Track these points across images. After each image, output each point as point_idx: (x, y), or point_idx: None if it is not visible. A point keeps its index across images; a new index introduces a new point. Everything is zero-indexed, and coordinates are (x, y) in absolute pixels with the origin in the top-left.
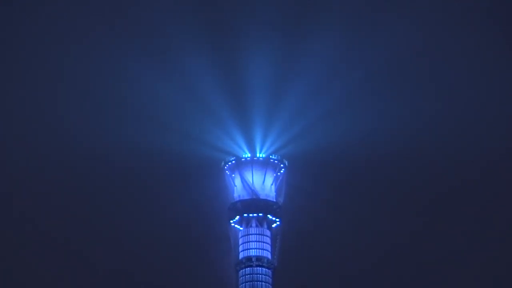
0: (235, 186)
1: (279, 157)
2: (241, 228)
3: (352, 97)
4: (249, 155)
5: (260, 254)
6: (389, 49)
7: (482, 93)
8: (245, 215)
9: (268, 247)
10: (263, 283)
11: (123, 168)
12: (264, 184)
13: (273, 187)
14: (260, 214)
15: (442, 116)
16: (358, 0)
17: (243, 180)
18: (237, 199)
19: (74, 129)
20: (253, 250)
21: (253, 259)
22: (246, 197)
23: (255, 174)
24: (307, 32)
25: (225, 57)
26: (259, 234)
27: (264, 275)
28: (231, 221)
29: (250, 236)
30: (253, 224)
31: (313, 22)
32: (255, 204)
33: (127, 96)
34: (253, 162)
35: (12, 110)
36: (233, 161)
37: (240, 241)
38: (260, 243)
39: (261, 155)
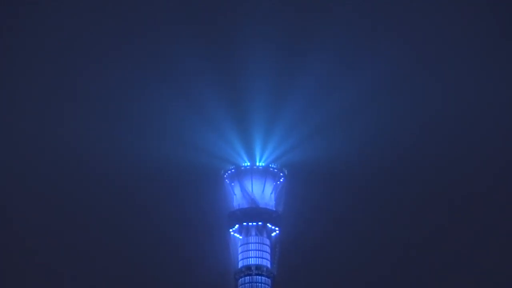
0: (235, 194)
1: (278, 165)
2: (241, 237)
3: (352, 106)
4: (248, 163)
5: (259, 263)
6: (387, 61)
7: (482, 99)
8: (245, 223)
9: (268, 256)
10: None
11: (123, 176)
12: (264, 192)
13: (272, 195)
14: (260, 223)
15: (440, 126)
16: (356, 15)
17: (242, 188)
18: (237, 207)
19: (75, 136)
20: (252, 258)
21: (253, 268)
22: (245, 206)
23: (254, 183)
24: (307, 42)
25: (225, 67)
26: (258, 243)
27: (264, 283)
28: (231, 230)
29: (250, 244)
30: (253, 233)
31: (313, 31)
32: (254, 213)
33: (127, 104)
34: (253, 171)
35: (15, 117)
36: (233, 170)
37: (240, 249)
38: (259, 251)
39: (260, 164)
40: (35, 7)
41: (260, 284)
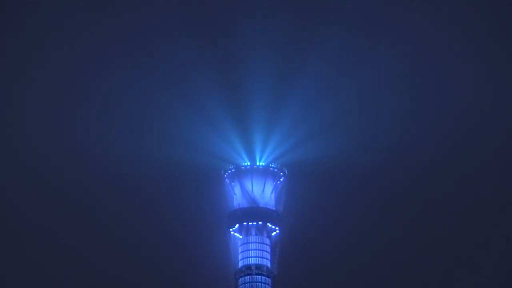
0: (235, 194)
1: (278, 165)
2: (241, 236)
3: (353, 106)
4: (248, 163)
5: (259, 263)
6: (387, 62)
7: (482, 99)
8: (245, 223)
9: (268, 256)
10: None
11: (123, 176)
12: (264, 192)
13: (272, 195)
14: (260, 222)
15: (440, 126)
16: (356, 15)
17: (242, 188)
18: (237, 207)
19: (75, 136)
20: (252, 258)
21: (253, 268)
22: (245, 205)
23: (254, 183)
24: (307, 42)
25: (225, 67)
26: (258, 243)
27: (264, 283)
28: (231, 229)
29: (250, 244)
30: (253, 233)
31: (313, 31)
32: (254, 212)
33: (127, 104)
34: (253, 171)
35: (15, 117)
36: (233, 169)
37: (240, 249)
38: (259, 251)
39: (260, 164)
40: (35, 7)
41: (260, 284)
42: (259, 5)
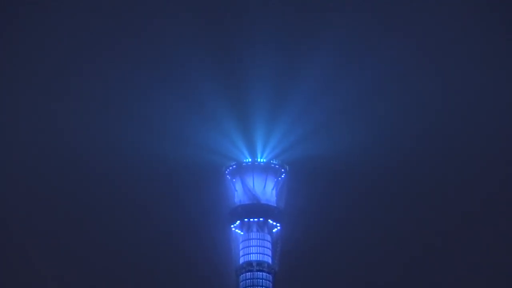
0: (236, 190)
1: (280, 162)
2: (242, 233)
3: (354, 103)
4: (250, 160)
5: (260, 259)
6: (387, 60)
7: (483, 97)
8: (246, 219)
9: (269, 252)
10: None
11: (123, 175)
12: (265, 189)
13: (274, 192)
14: (261, 219)
15: (442, 124)
16: (355, 16)
17: (244, 184)
18: (238, 203)
19: (75, 136)
20: (253, 254)
21: (254, 264)
22: (247, 202)
23: (256, 179)
24: (308, 40)
25: (226, 65)
26: (259, 239)
27: (265, 279)
28: (232, 226)
29: (251, 240)
30: (254, 229)
31: (313, 31)
32: (256, 209)
33: (127, 104)
34: (254, 167)
35: (15, 117)
36: (234, 166)
37: (241, 245)
38: (260, 247)
39: (262, 160)
40: (35, 7)
41: (261, 280)
42: (260, 4)
